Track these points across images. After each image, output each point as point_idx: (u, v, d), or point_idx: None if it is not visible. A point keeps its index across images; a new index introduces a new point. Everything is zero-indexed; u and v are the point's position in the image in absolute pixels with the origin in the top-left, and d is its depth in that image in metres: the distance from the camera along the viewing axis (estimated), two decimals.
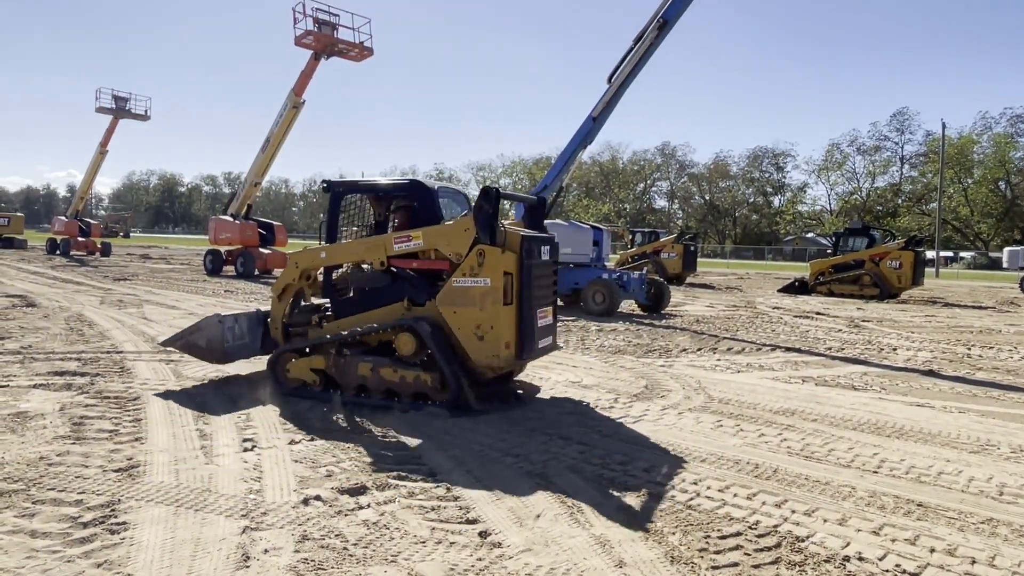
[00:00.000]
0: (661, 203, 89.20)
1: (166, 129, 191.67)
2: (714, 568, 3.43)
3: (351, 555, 3.45)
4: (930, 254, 40.53)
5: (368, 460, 4.88)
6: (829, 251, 26.73)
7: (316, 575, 3.24)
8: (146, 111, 35.50)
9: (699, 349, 10.73)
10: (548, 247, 6.60)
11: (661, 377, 8.35)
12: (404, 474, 4.62)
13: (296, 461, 4.81)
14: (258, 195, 27.46)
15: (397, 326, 6.23)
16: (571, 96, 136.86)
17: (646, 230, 31.93)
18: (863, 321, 15.44)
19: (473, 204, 6.19)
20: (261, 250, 25.04)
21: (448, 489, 4.39)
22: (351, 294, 6.82)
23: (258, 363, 7.82)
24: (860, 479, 4.81)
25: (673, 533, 3.81)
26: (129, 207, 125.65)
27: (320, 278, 7.19)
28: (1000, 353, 11.06)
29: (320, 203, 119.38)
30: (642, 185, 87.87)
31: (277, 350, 6.91)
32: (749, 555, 3.58)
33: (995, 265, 46.47)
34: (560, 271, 16.05)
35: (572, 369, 8.69)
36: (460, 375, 6.01)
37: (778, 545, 3.71)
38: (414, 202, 6.75)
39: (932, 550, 3.72)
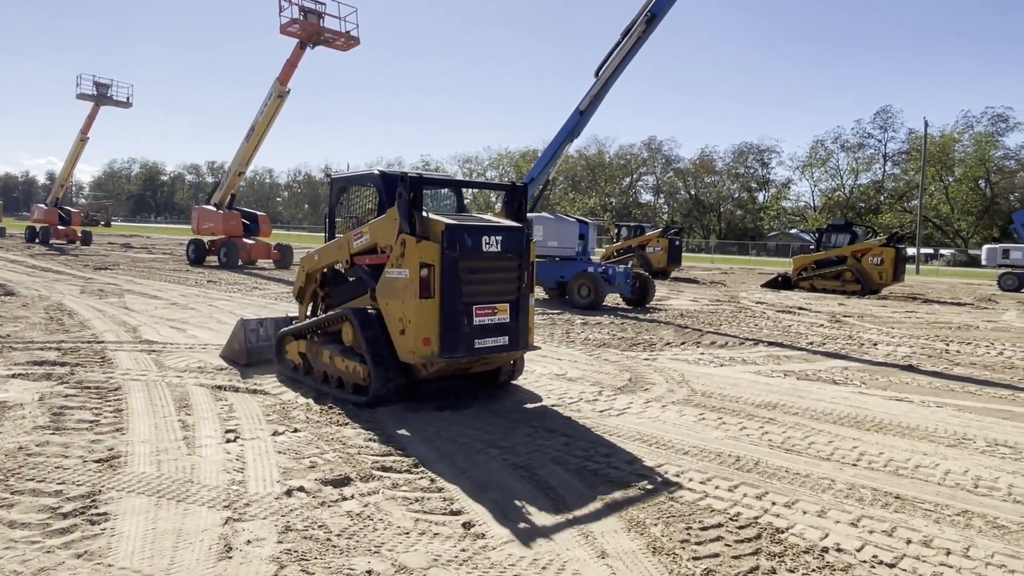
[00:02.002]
0: (647, 197, 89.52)
1: (149, 116, 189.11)
2: (695, 559, 3.47)
3: (334, 546, 3.45)
4: (911, 251, 41.00)
5: (352, 451, 4.88)
6: (812, 247, 26.95)
7: (299, 566, 3.24)
8: (128, 98, 34.96)
9: (683, 343, 10.80)
10: (500, 237, 6.01)
11: (645, 370, 8.40)
12: (388, 465, 4.62)
13: (279, 452, 4.80)
14: (242, 185, 27.22)
15: (340, 317, 6.42)
16: (559, 89, 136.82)
17: (632, 224, 32.03)
18: (844, 316, 15.61)
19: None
20: (245, 240, 24.81)
21: (432, 480, 4.40)
22: (342, 284, 7.16)
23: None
24: (839, 472, 4.88)
25: (655, 524, 3.85)
26: (110, 195, 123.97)
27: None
28: (977, 349, 11.23)
29: (305, 194, 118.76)
30: (628, 179, 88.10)
31: (279, 331, 7.33)
32: (730, 546, 3.62)
33: (974, 262, 47.14)
34: (546, 264, 16.29)
35: (557, 362, 8.72)
36: (383, 368, 5.87)
37: (758, 536, 3.75)
38: (380, 195, 6.64)
39: (908, 541, 3.79)
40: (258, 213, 26.68)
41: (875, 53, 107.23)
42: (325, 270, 7.25)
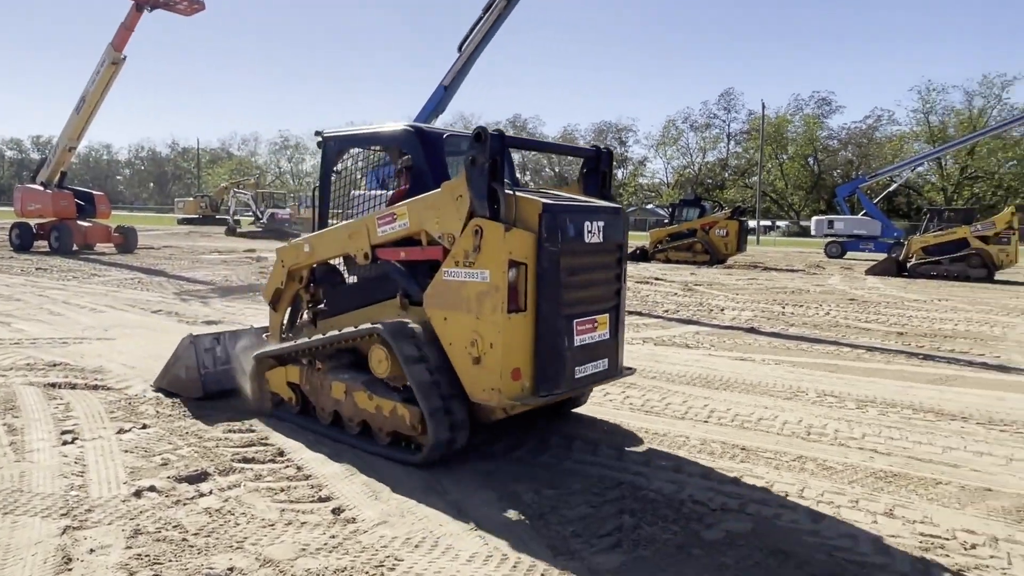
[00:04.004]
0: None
1: None
2: (565, 521, 3.60)
3: (191, 546, 3.24)
4: (752, 223, 44.54)
5: (209, 445, 4.59)
6: (666, 221, 28.62)
7: (151, 571, 3.01)
8: None
9: None
10: (601, 223, 4.37)
11: None
12: (250, 457, 4.41)
13: (126, 451, 4.42)
14: (74, 161, 24.57)
15: (367, 334, 4.53)
16: (424, 64, 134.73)
17: None
18: (695, 285, 16.73)
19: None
20: (79, 223, 22.48)
21: (299, 469, 4.24)
22: (346, 282, 5.34)
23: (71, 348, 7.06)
24: (692, 429, 5.24)
25: (526, 493, 3.94)
26: None
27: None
28: (808, 310, 12.44)
29: (149, 171, 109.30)
30: None
31: (255, 355, 5.39)
32: (595, 507, 3.79)
33: (805, 233, 52.03)
34: None
35: None
36: (445, 412, 4.15)
37: (622, 497, 3.95)
38: (412, 161, 4.86)
39: (753, 487, 4.14)
40: (95, 192, 24.24)
41: (722, 38, 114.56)
42: (315, 266, 5.33)
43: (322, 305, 5.37)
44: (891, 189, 38.01)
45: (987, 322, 11.27)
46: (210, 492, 3.85)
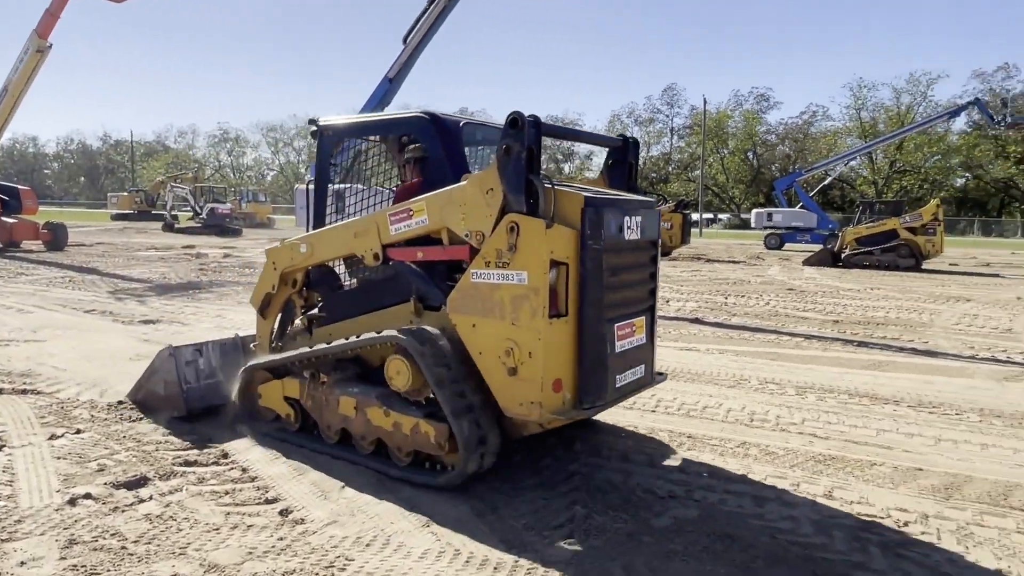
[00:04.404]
0: None
1: None
2: (518, 515, 3.61)
3: (131, 554, 3.12)
4: (695, 216, 45.55)
5: (148, 449, 4.43)
6: None
7: None
8: None
9: None
10: (639, 218, 4.09)
11: None
12: (192, 459, 4.27)
13: (59, 458, 4.23)
14: None
15: (383, 343, 4.10)
16: (367, 57, 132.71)
17: None
18: None
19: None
20: (4, 219, 21.35)
21: (244, 471, 4.14)
22: (347, 284, 4.89)
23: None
24: (640, 419, 5.33)
25: (478, 487, 3.93)
26: None
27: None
28: (749, 301, 12.79)
29: (79, 165, 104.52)
30: None
31: (244, 368, 4.94)
32: (547, 500, 3.82)
33: (746, 225, 53.47)
34: None
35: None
36: (476, 427, 3.78)
37: (574, 489, 3.99)
38: (425, 152, 4.45)
39: (699, 474, 4.24)
40: (20, 187, 23.05)
41: (665, 33, 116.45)
42: (311, 268, 4.84)
43: (318, 311, 4.86)
44: (826, 183, 39.39)
45: (916, 309, 11.81)
46: (150, 497, 3.72)
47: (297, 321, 4.97)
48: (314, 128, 4.94)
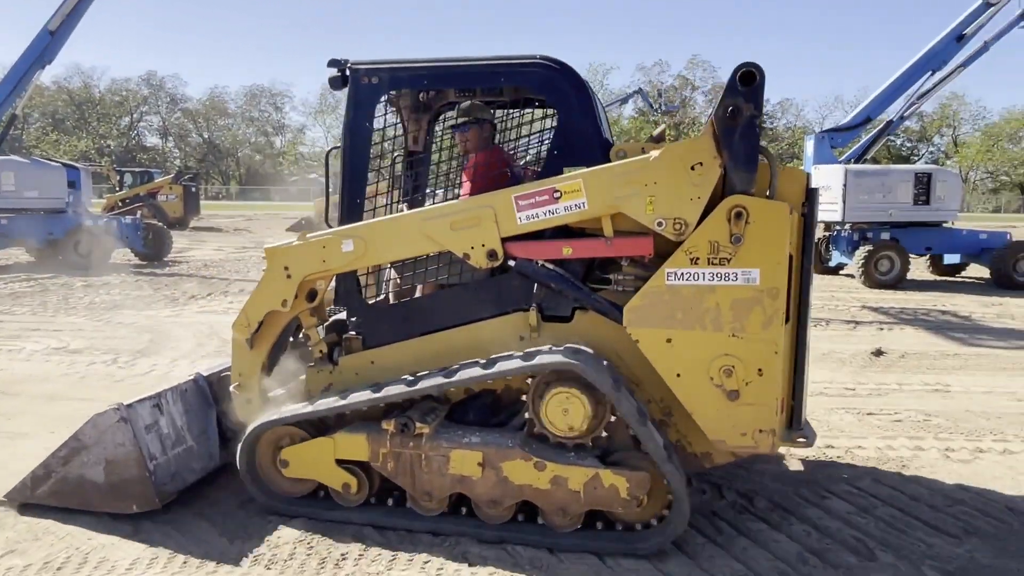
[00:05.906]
0: (153, 140, 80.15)
1: None
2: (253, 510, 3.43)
3: None
4: None
5: None
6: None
7: None
8: None
9: (209, 294, 10.30)
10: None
11: (170, 328, 7.77)
12: None
13: None
14: None
15: (540, 371, 3.10)
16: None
17: (137, 170, 28.54)
18: None
19: (722, 106, 2.88)
20: None
21: None
22: (403, 290, 3.76)
23: None
24: None
25: (206, 487, 3.66)
26: None
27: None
28: None
29: None
30: (128, 119, 77.39)
31: (255, 427, 3.36)
32: None
33: None
34: (27, 219, 13.35)
35: (55, 334, 7.39)
36: (679, 468, 3.04)
37: None
38: (548, 107, 3.54)
39: None
40: None
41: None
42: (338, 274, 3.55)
43: (352, 332, 3.51)
44: None
45: None
46: None
47: (312, 346, 3.54)
48: (337, 73, 3.45)
